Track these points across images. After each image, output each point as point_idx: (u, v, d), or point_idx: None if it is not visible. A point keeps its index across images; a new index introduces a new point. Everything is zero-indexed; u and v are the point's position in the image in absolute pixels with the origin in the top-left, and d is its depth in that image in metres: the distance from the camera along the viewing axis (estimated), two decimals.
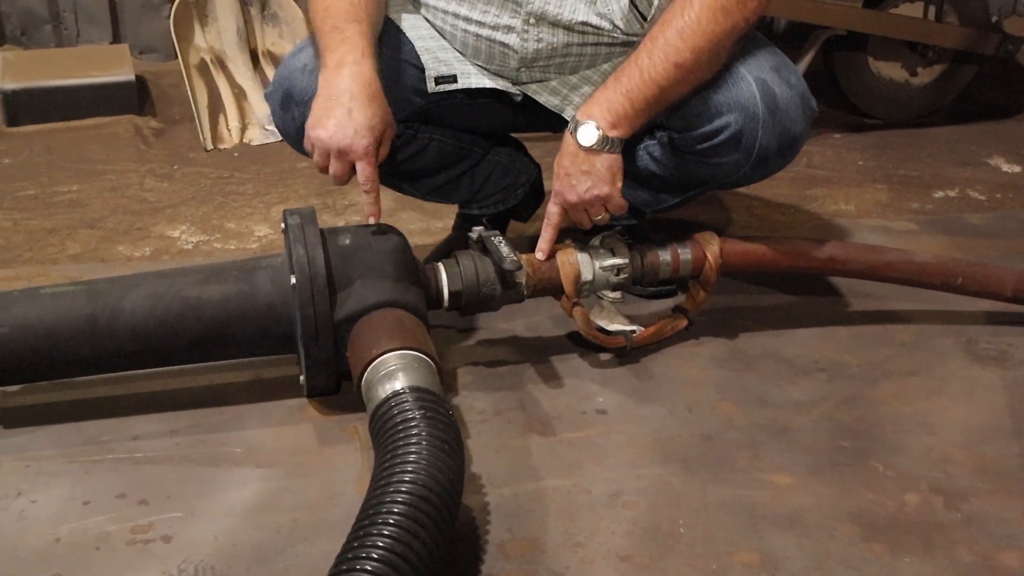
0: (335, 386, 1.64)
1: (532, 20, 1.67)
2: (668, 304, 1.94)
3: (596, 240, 1.75)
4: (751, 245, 1.81)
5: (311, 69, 1.67)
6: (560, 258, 1.71)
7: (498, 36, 1.69)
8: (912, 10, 3.03)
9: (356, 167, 1.56)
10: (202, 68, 3.04)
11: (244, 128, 2.94)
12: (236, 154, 2.83)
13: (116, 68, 3.08)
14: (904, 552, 1.36)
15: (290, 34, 3.19)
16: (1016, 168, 2.83)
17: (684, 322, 1.84)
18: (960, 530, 1.41)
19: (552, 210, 1.69)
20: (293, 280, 1.53)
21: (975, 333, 1.92)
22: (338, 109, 1.52)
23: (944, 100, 3.21)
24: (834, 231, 2.38)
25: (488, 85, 1.74)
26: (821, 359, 1.83)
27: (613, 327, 1.78)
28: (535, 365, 1.78)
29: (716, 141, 1.65)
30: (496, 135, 1.94)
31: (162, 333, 1.55)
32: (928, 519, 1.43)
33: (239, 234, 2.33)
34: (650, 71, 1.56)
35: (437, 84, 1.72)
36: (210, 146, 2.85)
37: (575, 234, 1.77)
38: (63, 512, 1.40)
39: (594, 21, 1.67)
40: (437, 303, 1.68)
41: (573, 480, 1.49)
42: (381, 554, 1.11)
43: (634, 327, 1.79)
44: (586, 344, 1.80)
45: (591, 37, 1.70)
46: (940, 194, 2.65)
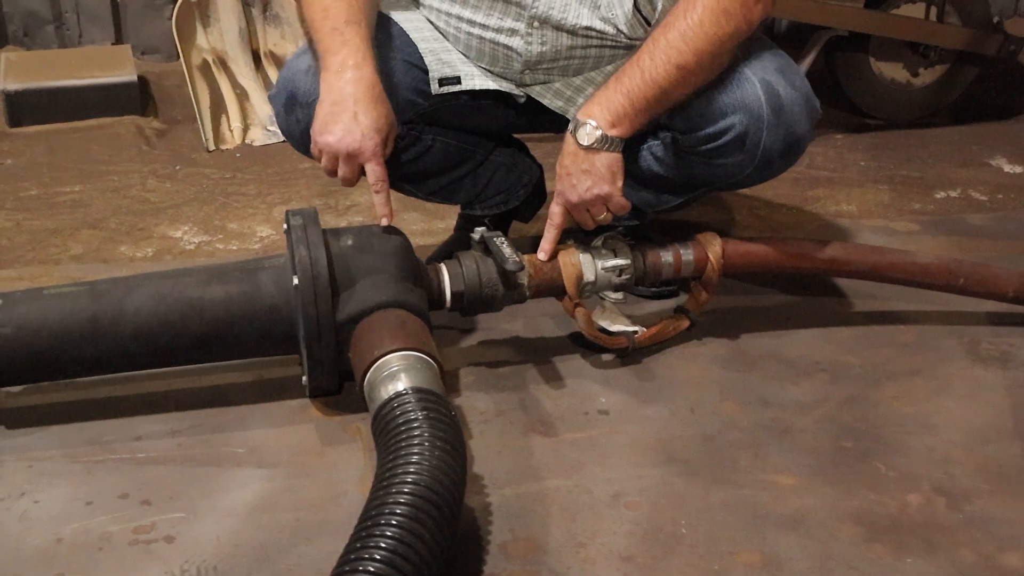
0: (337, 386, 1.64)
1: (536, 23, 1.67)
2: (670, 304, 1.94)
3: (598, 241, 1.75)
4: (753, 246, 1.81)
5: (315, 71, 1.66)
6: (562, 259, 1.71)
7: (502, 39, 1.69)
8: (914, 11, 3.03)
9: (365, 169, 1.58)
10: (204, 69, 3.04)
11: (246, 129, 2.94)
12: (238, 155, 2.83)
13: (118, 69, 3.08)
14: (906, 553, 1.36)
15: (292, 35, 3.19)
16: (1018, 168, 2.83)
17: (686, 323, 1.84)
18: (962, 531, 1.41)
19: (554, 210, 1.69)
20: (295, 281, 1.53)
21: (977, 334, 1.92)
22: (344, 114, 1.54)
23: (946, 101, 3.21)
24: (836, 232, 2.38)
25: (492, 87, 1.74)
26: (823, 359, 1.83)
27: (615, 328, 1.78)
28: (537, 366, 1.78)
29: (720, 142, 1.65)
30: (498, 136, 1.94)
31: (165, 333, 1.56)
32: (930, 520, 1.43)
33: (241, 235, 2.33)
34: (651, 72, 1.56)
35: (441, 86, 1.72)
36: (212, 147, 2.85)
37: (577, 235, 1.77)
38: (66, 512, 1.40)
39: (598, 26, 1.67)
40: (439, 304, 1.68)
41: (575, 480, 1.49)
42: (384, 555, 1.11)
43: (636, 328, 1.79)
44: (588, 345, 1.80)
45: (595, 41, 1.69)
46: (942, 195, 2.65)
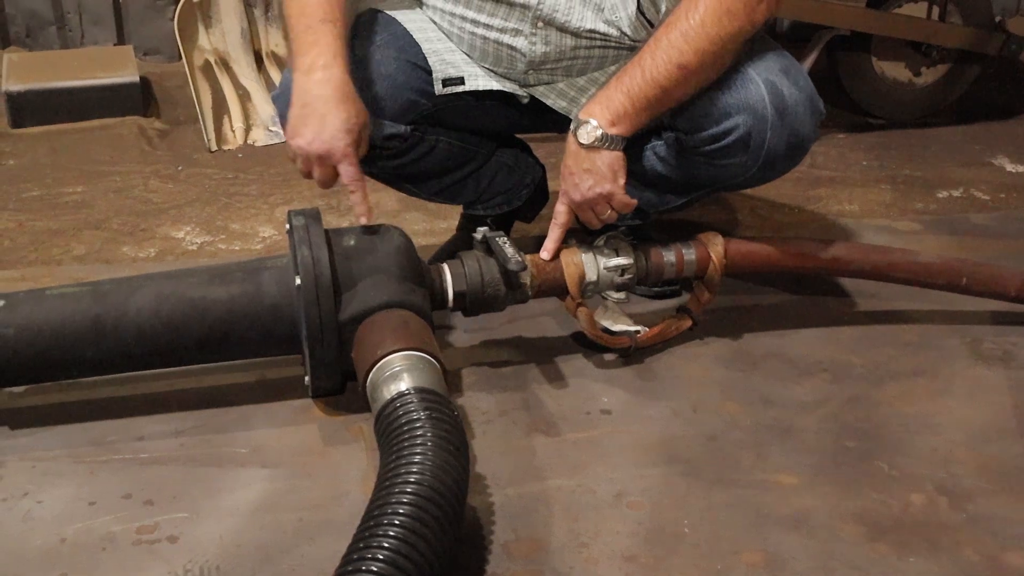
0: (340, 386, 1.64)
1: (540, 24, 1.67)
2: (672, 304, 1.94)
3: (600, 240, 1.75)
4: (755, 245, 1.81)
5: None
6: (564, 259, 1.71)
7: (506, 39, 1.69)
8: (916, 10, 3.03)
9: (339, 170, 1.56)
10: (206, 69, 3.05)
11: (248, 129, 2.95)
12: (240, 155, 2.83)
13: (120, 69, 3.08)
14: (909, 552, 1.36)
15: None
16: (1020, 168, 2.83)
17: (688, 322, 1.84)
18: (965, 530, 1.41)
19: (559, 209, 1.69)
20: (298, 281, 1.53)
21: (980, 333, 1.92)
22: (313, 116, 1.53)
23: (948, 100, 3.21)
24: (838, 231, 2.38)
25: (495, 87, 1.74)
26: (826, 359, 1.83)
27: (617, 327, 1.78)
28: (539, 365, 1.78)
29: (724, 143, 1.64)
30: (501, 136, 1.94)
31: (167, 334, 1.56)
32: (933, 519, 1.43)
33: (243, 235, 2.33)
34: (652, 71, 1.56)
35: (444, 86, 1.72)
36: (214, 147, 2.85)
37: (580, 234, 1.77)
38: (69, 512, 1.41)
39: (602, 28, 1.67)
40: (442, 304, 1.68)
41: (578, 480, 1.49)
42: (387, 555, 1.11)
43: (638, 327, 1.79)
44: (590, 344, 1.80)
45: (599, 42, 1.69)
46: (944, 194, 2.65)
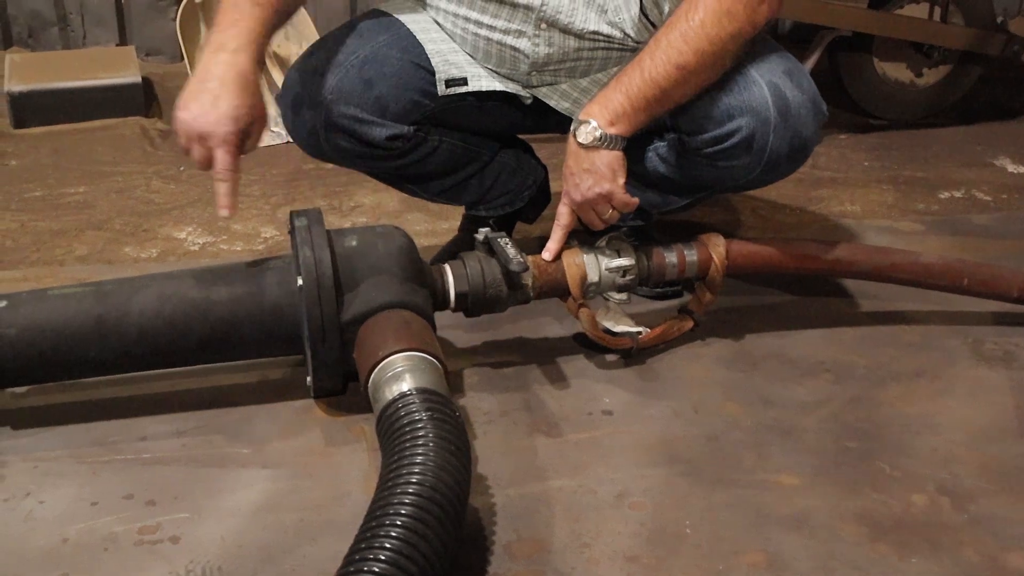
0: (342, 387, 1.64)
1: (543, 26, 1.67)
2: (674, 305, 1.94)
3: (602, 241, 1.75)
4: (757, 246, 1.81)
5: (323, 72, 1.67)
6: (566, 259, 1.71)
7: (509, 40, 1.69)
8: (917, 11, 3.03)
9: (215, 154, 1.52)
10: None
11: None
12: (242, 156, 2.83)
13: (123, 70, 3.09)
14: (910, 553, 1.36)
15: (296, 36, 3.19)
16: (1022, 168, 2.83)
17: (690, 323, 1.84)
18: (966, 531, 1.41)
19: (561, 211, 1.69)
20: (300, 282, 1.53)
21: (981, 334, 1.92)
22: (205, 95, 1.50)
23: (949, 101, 3.21)
24: (840, 232, 2.38)
25: (498, 88, 1.74)
26: (827, 360, 1.83)
27: (619, 328, 1.78)
28: (541, 366, 1.78)
29: (727, 144, 1.64)
30: (504, 137, 1.94)
31: (169, 334, 1.56)
32: (934, 520, 1.43)
33: (246, 235, 2.34)
34: (651, 71, 1.56)
35: (448, 87, 1.72)
36: None
37: (582, 235, 1.77)
38: (71, 512, 1.41)
39: (605, 30, 1.67)
40: (443, 304, 1.68)
41: (579, 481, 1.49)
42: (389, 555, 1.11)
43: (640, 328, 1.79)
44: (592, 345, 1.80)
45: (602, 44, 1.70)
46: (946, 195, 2.65)
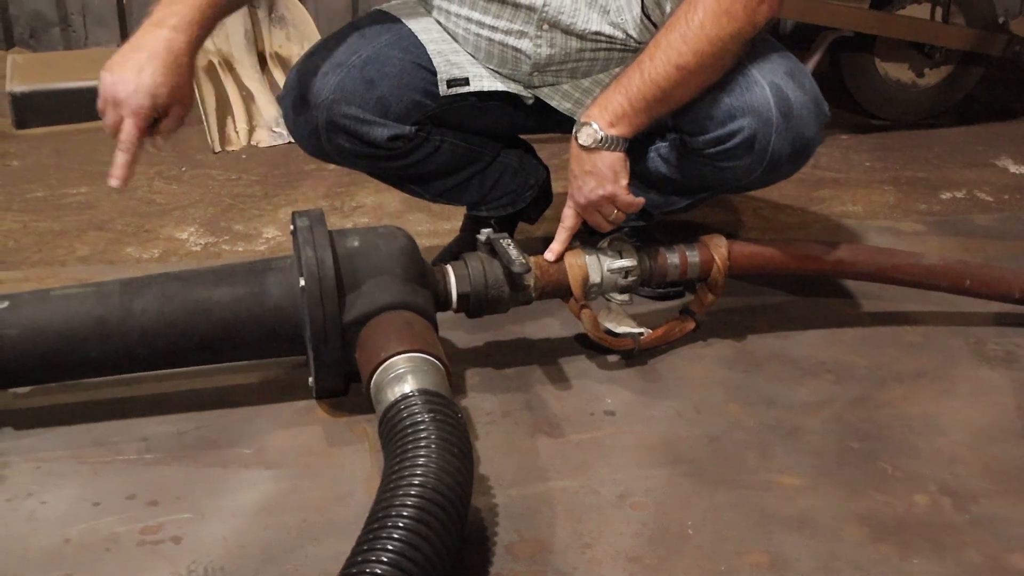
0: (344, 387, 1.64)
1: (545, 26, 1.67)
2: (675, 306, 1.94)
3: (604, 242, 1.75)
4: (759, 248, 1.81)
5: (325, 72, 1.67)
6: (568, 260, 1.71)
7: (511, 41, 1.69)
8: (919, 11, 3.04)
9: (123, 124, 1.48)
10: (210, 71, 3.05)
11: (252, 130, 2.95)
12: (244, 156, 2.83)
13: None
14: (913, 553, 1.36)
15: (297, 36, 3.20)
16: None
17: (692, 324, 1.84)
18: (969, 531, 1.41)
19: (566, 213, 1.69)
20: (302, 282, 1.53)
21: (983, 334, 1.92)
22: (131, 63, 1.47)
23: (951, 101, 3.21)
24: (841, 232, 2.38)
25: (500, 88, 1.74)
26: (829, 360, 1.83)
27: (621, 329, 1.78)
28: (543, 367, 1.78)
29: (728, 145, 1.64)
30: (506, 137, 1.94)
31: (171, 335, 1.56)
32: (937, 520, 1.43)
33: (247, 236, 2.34)
34: (651, 72, 1.56)
35: (449, 87, 1.72)
36: (218, 148, 2.86)
37: (584, 236, 1.77)
38: (73, 513, 1.41)
39: (607, 31, 1.67)
40: (445, 305, 1.68)
41: (581, 481, 1.49)
42: (391, 556, 1.11)
43: (642, 329, 1.79)
44: (594, 346, 1.80)
45: (604, 44, 1.70)
46: (947, 195, 2.65)
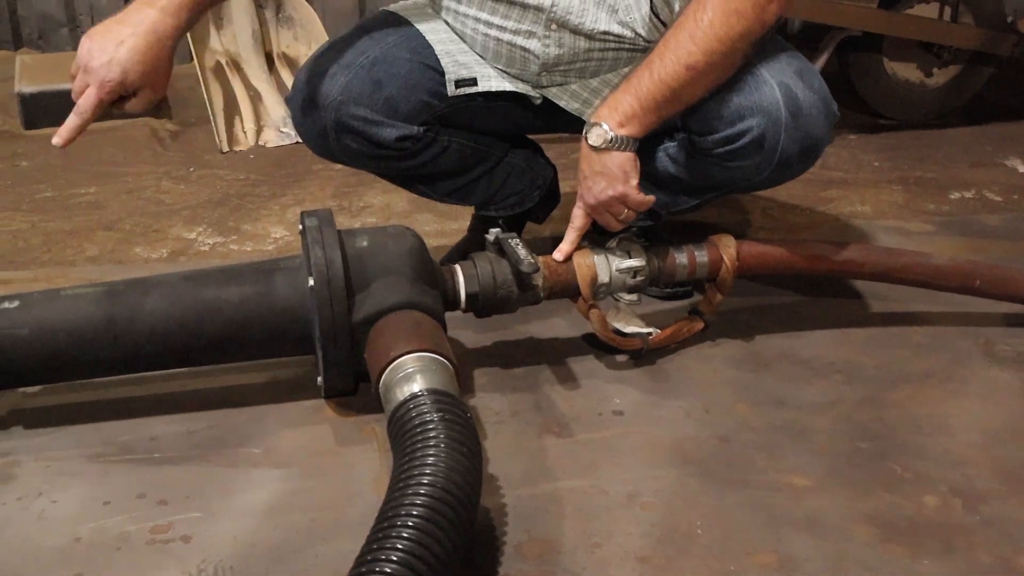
0: (352, 387, 1.64)
1: (554, 26, 1.67)
2: (684, 305, 1.94)
3: (613, 242, 1.75)
4: (768, 247, 1.80)
5: (332, 73, 1.67)
6: (576, 260, 1.71)
7: (519, 41, 1.69)
8: (927, 11, 3.03)
9: (85, 93, 1.46)
10: (218, 71, 3.06)
11: (259, 130, 2.96)
12: (251, 156, 2.84)
13: None
14: (923, 554, 1.36)
15: (305, 36, 3.20)
16: None
17: (700, 324, 1.84)
18: (979, 532, 1.40)
19: (575, 213, 1.69)
20: (311, 282, 1.53)
21: (993, 335, 1.91)
22: (112, 35, 1.45)
23: (959, 101, 3.20)
24: (850, 232, 2.38)
25: (508, 88, 1.74)
26: (838, 360, 1.83)
27: (629, 329, 1.78)
28: (551, 367, 1.78)
29: (737, 145, 1.64)
30: (513, 137, 1.94)
31: (180, 334, 1.56)
32: (947, 521, 1.43)
33: (255, 236, 2.34)
34: (660, 72, 1.56)
35: (457, 87, 1.72)
36: (226, 148, 2.86)
37: (592, 235, 1.77)
38: (83, 512, 1.41)
39: (616, 30, 1.67)
40: (454, 305, 1.68)
41: (590, 481, 1.49)
42: (400, 555, 1.11)
43: (650, 329, 1.79)
44: (602, 346, 1.80)
45: (612, 44, 1.69)
46: (956, 195, 2.65)
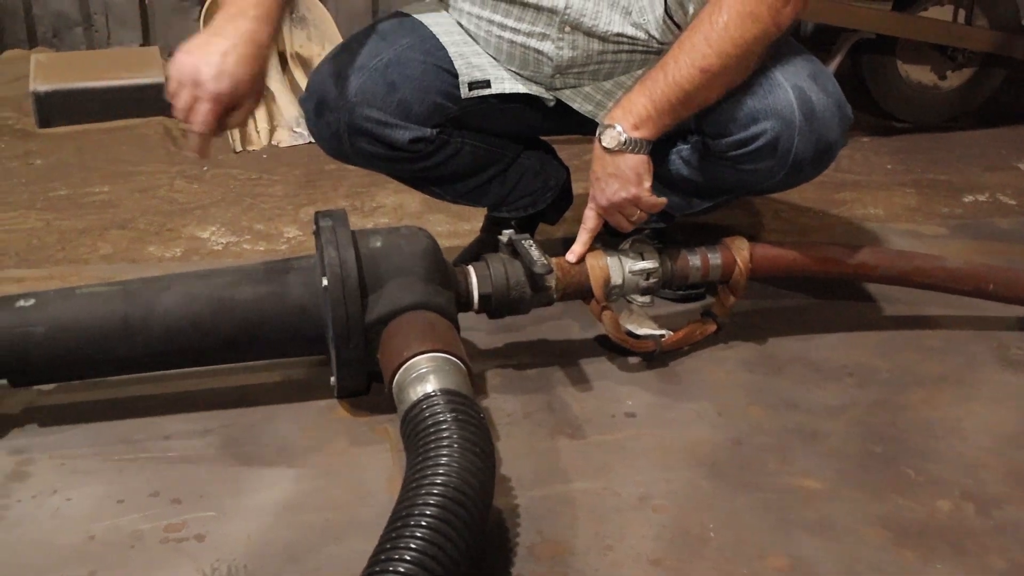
0: (365, 387, 1.64)
1: (567, 29, 1.67)
2: (697, 307, 1.93)
3: (626, 244, 1.75)
4: (781, 250, 1.80)
5: (346, 75, 1.67)
6: (590, 262, 1.71)
7: (533, 43, 1.70)
8: (941, 13, 3.02)
9: (197, 107, 1.45)
10: None
11: (272, 130, 2.96)
12: (264, 156, 2.85)
13: (146, 70, 3.11)
14: (935, 558, 1.36)
15: (318, 37, 3.21)
16: None
17: (713, 326, 1.83)
18: (992, 537, 1.40)
19: (587, 215, 1.69)
20: (325, 282, 1.54)
21: (1006, 339, 1.91)
22: (215, 46, 1.43)
23: (973, 104, 3.19)
24: (863, 235, 2.37)
25: (521, 90, 1.74)
26: (851, 364, 1.82)
27: (642, 331, 1.78)
28: (564, 368, 1.78)
29: (751, 148, 1.64)
30: (526, 138, 1.94)
31: (194, 333, 1.56)
32: (959, 525, 1.42)
33: (268, 235, 2.35)
34: (674, 74, 1.56)
35: (471, 90, 1.72)
36: (239, 148, 2.87)
37: (605, 237, 1.77)
38: (97, 510, 1.42)
39: (629, 32, 1.67)
40: (467, 306, 1.69)
41: (602, 483, 1.49)
42: (414, 555, 1.12)
43: (663, 331, 1.79)
44: (615, 348, 1.80)
45: (626, 46, 1.69)
46: (970, 198, 2.64)
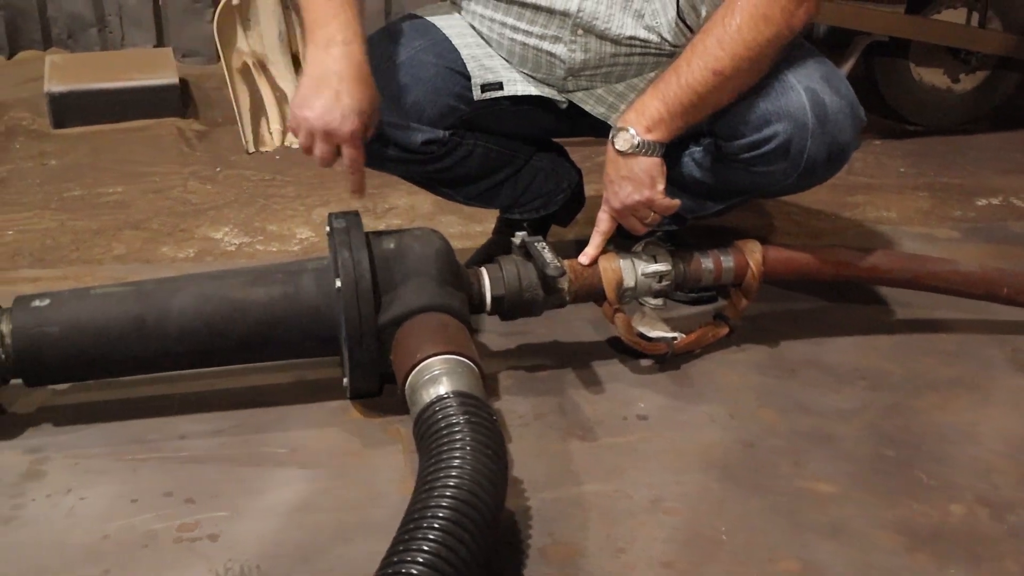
0: (378, 388, 1.65)
1: (580, 32, 1.67)
2: (709, 310, 1.93)
3: (639, 246, 1.75)
4: (794, 253, 1.80)
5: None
6: (602, 264, 1.71)
7: (545, 45, 1.70)
8: (955, 16, 3.01)
9: (342, 150, 1.53)
10: (244, 71, 3.07)
11: (285, 131, 2.97)
12: (277, 157, 2.85)
13: (160, 71, 3.12)
14: (949, 563, 1.35)
15: None
16: None
17: (725, 329, 1.83)
18: (1006, 542, 1.40)
19: (601, 217, 1.69)
20: (338, 283, 1.54)
21: (1020, 343, 1.90)
22: (327, 90, 1.49)
23: (987, 107, 3.18)
24: (876, 238, 2.37)
25: (534, 93, 1.74)
26: (863, 367, 1.82)
27: (654, 333, 1.78)
28: (576, 370, 1.78)
29: (764, 150, 1.64)
30: (539, 140, 1.94)
31: (208, 334, 1.57)
32: (973, 530, 1.42)
33: (281, 236, 2.35)
34: (687, 77, 1.56)
35: (483, 92, 1.72)
36: (252, 149, 2.88)
37: (617, 240, 1.77)
38: (111, 509, 1.42)
39: (642, 35, 1.67)
40: (480, 307, 1.69)
41: (614, 485, 1.49)
42: (426, 557, 1.12)
43: (675, 334, 1.78)
44: (627, 350, 1.80)
45: (638, 49, 1.70)
46: (983, 202, 2.63)
